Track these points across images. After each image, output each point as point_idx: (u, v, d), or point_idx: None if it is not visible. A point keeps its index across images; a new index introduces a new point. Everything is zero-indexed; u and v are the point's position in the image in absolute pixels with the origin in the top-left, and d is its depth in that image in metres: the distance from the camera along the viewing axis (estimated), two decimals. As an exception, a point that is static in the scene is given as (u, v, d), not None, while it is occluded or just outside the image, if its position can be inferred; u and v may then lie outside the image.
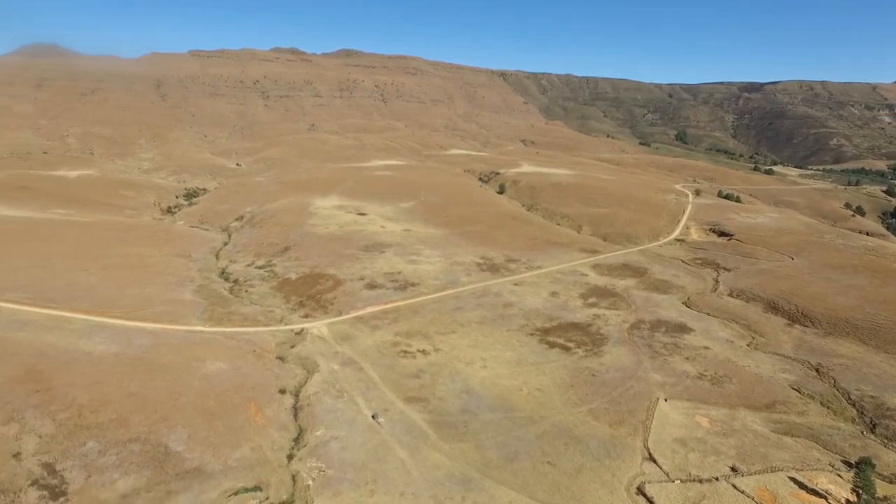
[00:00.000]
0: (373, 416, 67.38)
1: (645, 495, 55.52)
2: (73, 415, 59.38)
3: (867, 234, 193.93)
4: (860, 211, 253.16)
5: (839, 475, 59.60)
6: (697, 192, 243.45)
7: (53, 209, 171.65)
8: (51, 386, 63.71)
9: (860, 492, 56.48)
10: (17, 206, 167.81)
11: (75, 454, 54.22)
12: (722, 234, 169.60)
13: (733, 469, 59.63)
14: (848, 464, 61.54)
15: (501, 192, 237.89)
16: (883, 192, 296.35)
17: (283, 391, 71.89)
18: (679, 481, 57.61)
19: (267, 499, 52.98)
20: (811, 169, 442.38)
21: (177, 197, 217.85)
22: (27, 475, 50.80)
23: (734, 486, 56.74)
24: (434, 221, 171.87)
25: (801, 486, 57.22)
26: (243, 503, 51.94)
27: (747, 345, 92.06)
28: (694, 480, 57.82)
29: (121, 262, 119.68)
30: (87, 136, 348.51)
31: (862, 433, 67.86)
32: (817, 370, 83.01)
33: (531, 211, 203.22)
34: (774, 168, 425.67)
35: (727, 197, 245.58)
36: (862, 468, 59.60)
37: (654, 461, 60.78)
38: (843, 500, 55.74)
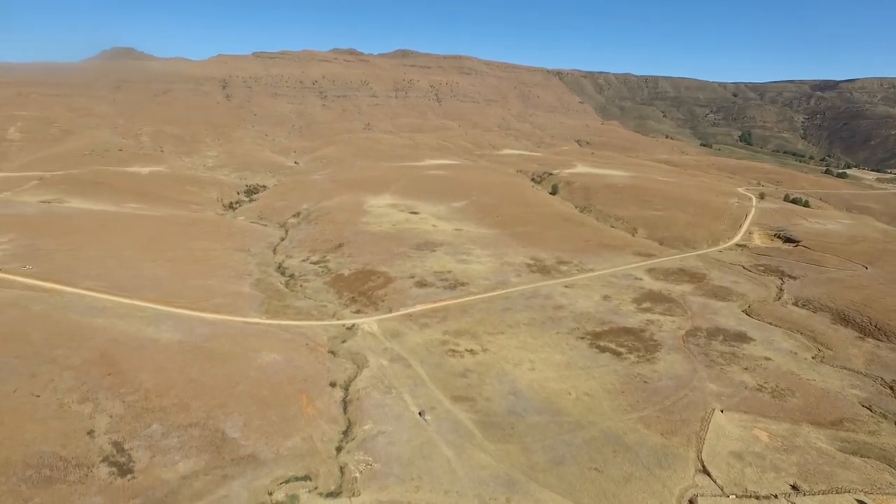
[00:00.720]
0: (420, 414, 68.14)
1: (697, 509, 53.67)
2: (140, 398, 63.06)
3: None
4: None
5: (913, 501, 55.66)
6: (762, 196, 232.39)
7: (126, 203, 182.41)
8: (121, 370, 67.86)
9: (937, 521, 52.62)
10: (95, 200, 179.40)
11: (141, 435, 57.56)
12: (788, 240, 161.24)
13: (794, 487, 56.69)
14: (923, 490, 57.37)
15: (554, 192, 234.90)
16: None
17: (333, 384, 73.75)
18: (734, 496, 55.30)
19: (316, 488, 54.54)
20: (890, 172, 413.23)
21: (238, 193, 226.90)
22: (99, 451, 54.33)
23: (794, 506, 54.02)
24: (485, 221, 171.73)
25: (870, 510, 53.85)
26: (293, 491, 53.64)
27: (813, 357, 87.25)
28: (750, 496, 55.34)
29: (185, 254, 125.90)
30: (158, 135, 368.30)
31: (941, 458, 63.08)
32: (892, 388, 77.71)
33: (584, 213, 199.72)
34: (848, 171, 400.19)
35: (794, 201, 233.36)
36: (939, 495, 55.47)
37: (708, 474, 58.60)
38: (916, 529, 52.08)
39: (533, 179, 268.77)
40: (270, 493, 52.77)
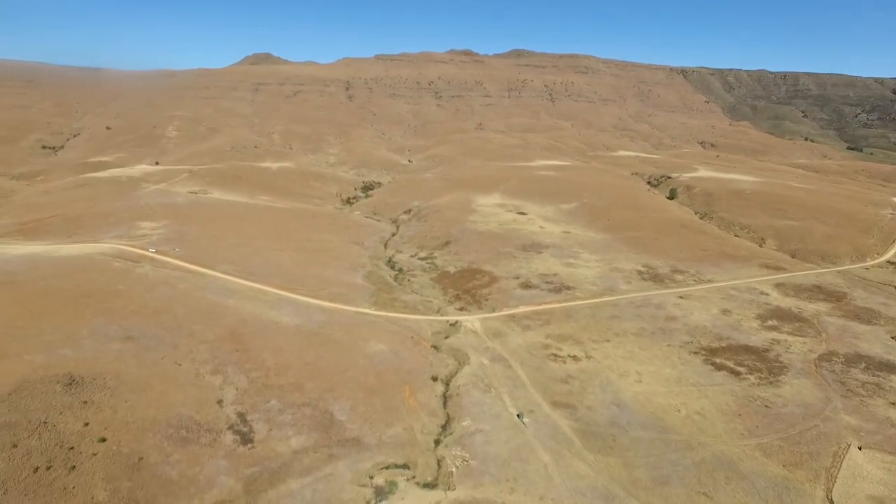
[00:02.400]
0: (518, 416, 67.90)
1: (822, 553, 48.39)
2: (262, 374, 69.05)
3: None
4: None
5: None
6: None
7: (258, 196, 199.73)
8: (247, 347, 74.73)
9: None
10: (233, 193, 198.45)
11: (261, 409, 63.02)
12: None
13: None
14: None
15: (672, 197, 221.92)
16: None
17: (435, 378, 75.67)
18: (869, 546, 49.11)
19: (413, 478, 56.40)
20: None
21: (355, 189, 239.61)
22: (226, 420, 60.33)
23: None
24: (595, 224, 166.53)
25: None
26: (392, 478, 55.91)
27: (982, 398, 74.69)
28: (890, 549, 48.86)
29: (307, 245, 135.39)
30: (287, 133, 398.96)
31: None
32: None
33: (705, 219, 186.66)
34: None
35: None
36: None
37: (838, 517, 52.51)
38: None
39: (649, 183, 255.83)
40: (371, 477, 55.43)
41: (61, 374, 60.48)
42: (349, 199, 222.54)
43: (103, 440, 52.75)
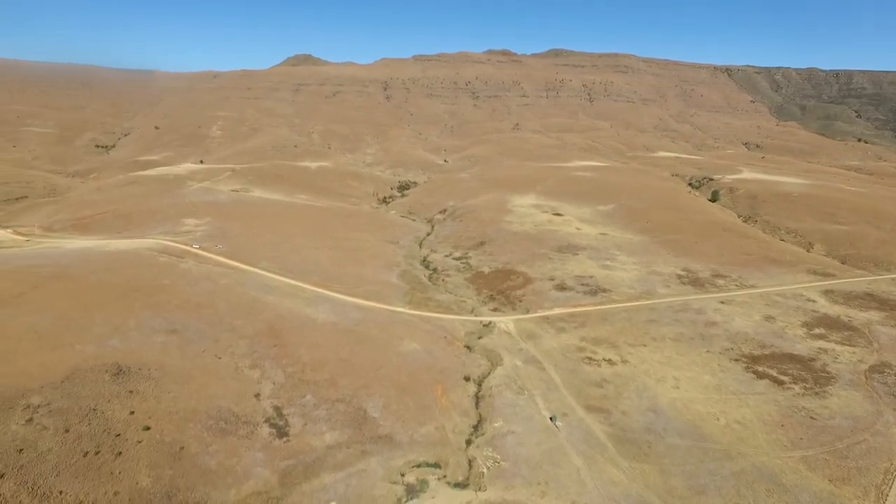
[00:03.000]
0: (551, 419, 67.32)
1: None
2: (298, 370, 70.49)
3: None
4: None
5: None
6: None
7: (297, 194, 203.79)
8: (284, 343, 76.40)
9: None
10: (273, 191, 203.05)
11: (297, 403, 64.33)
12: None
13: None
14: None
15: (714, 199, 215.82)
16: None
17: (467, 379, 75.73)
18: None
19: (444, 477, 56.60)
20: None
21: (391, 188, 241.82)
22: (263, 413, 61.84)
23: None
24: (633, 226, 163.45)
25: None
26: (424, 477, 56.23)
27: None
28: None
29: (343, 243, 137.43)
30: (326, 133, 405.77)
31: None
32: None
33: (748, 222, 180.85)
34: None
35: None
36: None
37: (887, 536, 50.14)
38: None
39: (690, 184, 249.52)
40: (402, 475, 55.91)
41: (109, 364, 63.15)
42: (385, 198, 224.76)
43: (147, 429, 54.84)
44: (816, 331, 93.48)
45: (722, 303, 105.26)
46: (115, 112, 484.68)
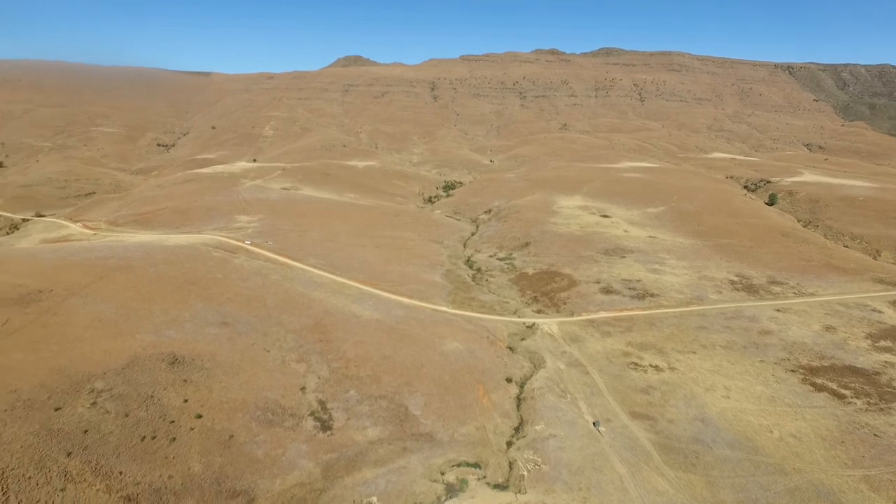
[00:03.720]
0: (594, 424, 66.16)
1: None
2: (342, 365, 71.92)
3: None
4: None
5: None
6: None
7: (345, 193, 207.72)
8: (330, 338, 78.08)
9: None
10: (322, 190, 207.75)
11: (341, 398, 65.65)
12: None
13: None
14: None
15: (771, 203, 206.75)
16: None
17: (509, 380, 75.34)
18: None
19: (484, 477, 56.53)
20: None
21: (437, 188, 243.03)
22: (308, 406, 63.43)
23: None
24: (684, 230, 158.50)
25: None
26: (463, 476, 56.33)
27: None
28: None
29: (389, 242, 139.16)
30: (374, 133, 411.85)
31: None
32: None
33: (809, 227, 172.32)
34: None
35: None
36: None
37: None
38: None
39: (746, 187, 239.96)
40: (443, 473, 56.18)
41: (166, 354, 66.19)
42: (431, 197, 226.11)
43: (199, 416, 57.20)
44: (882, 343, 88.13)
45: (778, 311, 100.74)
46: (175, 112, 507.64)
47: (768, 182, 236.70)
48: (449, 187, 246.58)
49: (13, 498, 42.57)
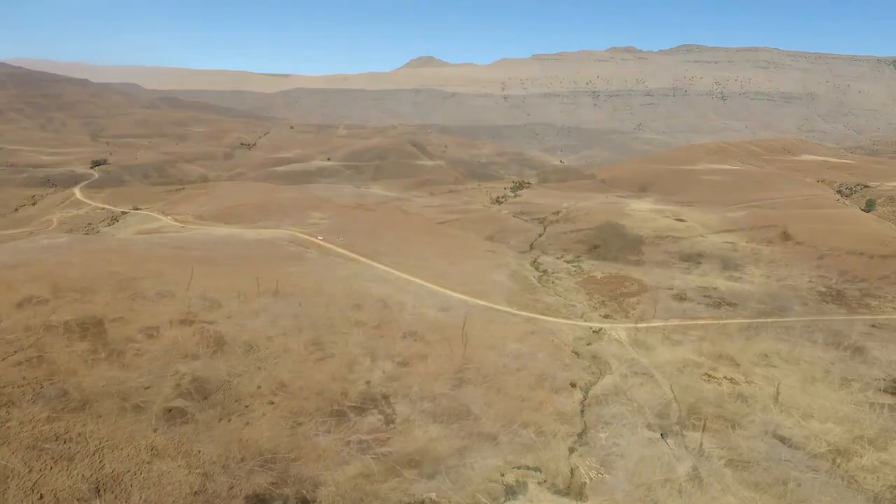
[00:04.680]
0: (661, 435, 63.64)
1: None
2: (405, 360, 73.14)
3: None
4: None
5: None
6: None
7: (412, 191, 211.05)
8: (394, 334, 79.62)
9: None
10: (391, 188, 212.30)
11: (403, 394, 66.79)
12: None
13: None
14: None
15: (868, 209, 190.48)
16: None
17: (573, 385, 73.84)
18: None
19: (544, 482, 55.72)
20: None
21: (505, 188, 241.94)
22: (372, 400, 65.02)
23: None
24: (766, 236, 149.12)
25: None
26: (523, 479, 55.79)
27: None
28: None
29: (455, 241, 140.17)
30: (444, 132, 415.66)
31: None
32: None
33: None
34: None
35: None
36: None
37: None
38: None
39: (839, 192, 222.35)
40: (502, 475, 55.88)
41: (242, 342, 69.94)
42: (498, 197, 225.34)
43: (271, 403, 60.03)
44: None
45: (873, 326, 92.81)
46: (258, 112, 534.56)
47: (865, 186, 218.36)
48: (517, 187, 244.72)
49: (107, 466, 46.57)
